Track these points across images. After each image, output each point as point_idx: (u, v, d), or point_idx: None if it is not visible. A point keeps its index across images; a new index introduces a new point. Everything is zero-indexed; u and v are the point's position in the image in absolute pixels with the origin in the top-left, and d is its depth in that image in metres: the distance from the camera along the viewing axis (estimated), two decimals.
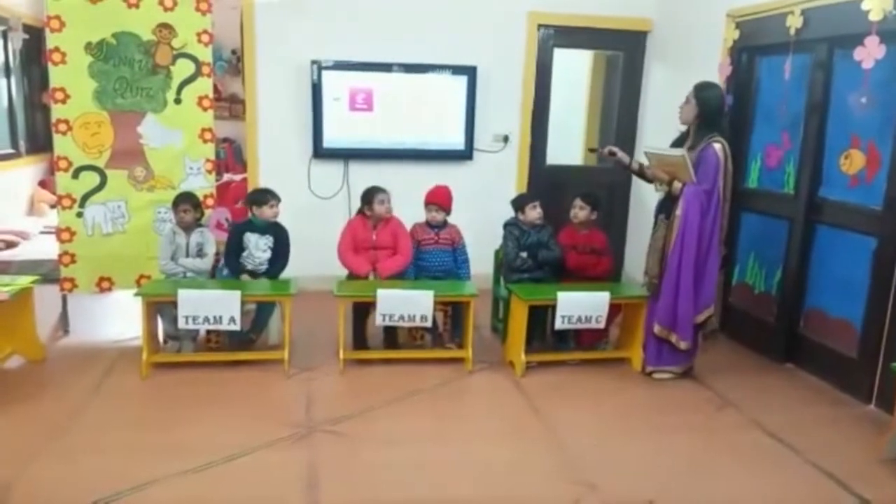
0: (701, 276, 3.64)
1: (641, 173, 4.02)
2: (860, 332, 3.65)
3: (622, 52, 5.59)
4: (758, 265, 4.40)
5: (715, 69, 4.42)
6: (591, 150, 4.08)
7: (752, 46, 4.34)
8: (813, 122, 3.91)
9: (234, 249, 3.99)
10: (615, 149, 3.99)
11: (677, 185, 3.60)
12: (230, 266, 4.00)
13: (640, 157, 4.21)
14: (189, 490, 2.65)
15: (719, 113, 3.68)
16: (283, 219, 4.11)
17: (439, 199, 4.18)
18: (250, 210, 4.03)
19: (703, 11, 4.72)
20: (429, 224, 4.23)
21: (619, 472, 2.89)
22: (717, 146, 3.55)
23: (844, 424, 3.40)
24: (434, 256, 4.18)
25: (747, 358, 4.26)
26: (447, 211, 4.22)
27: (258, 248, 3.98)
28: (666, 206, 3.74)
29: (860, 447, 3.15)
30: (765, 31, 4.16)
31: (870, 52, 3.36)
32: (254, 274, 3.97)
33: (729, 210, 3.72)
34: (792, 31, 3.88)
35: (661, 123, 4.48)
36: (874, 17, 3.31)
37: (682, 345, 3.70)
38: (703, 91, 3.63)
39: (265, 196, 4.02)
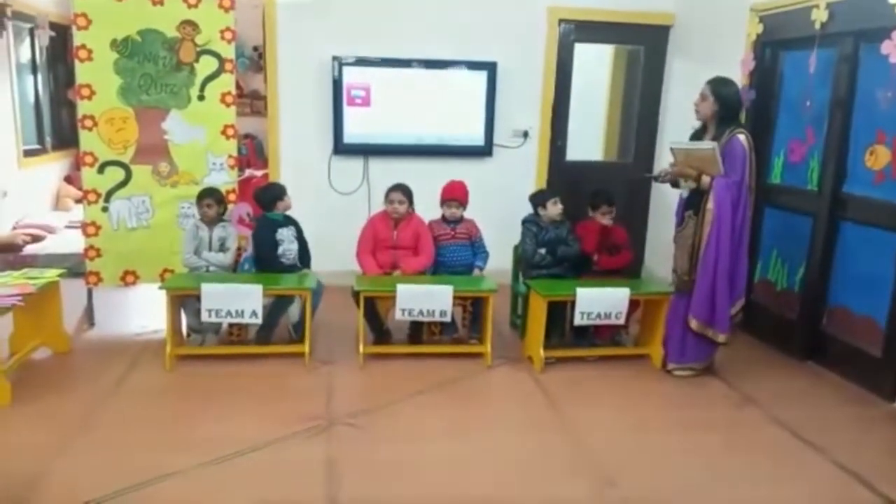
0: (734, 268, 3.61)
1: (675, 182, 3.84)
2: (884, 330, 3.59)
3: (643, 47, 5.55)
4: (780, 262, 4.35)
5: (737, 64, 4.37)
6: (648, 176, 4.09)
7: (775, 41, 4.29)
8: (837, 117, 3.85)
9: (271, 249, 3.99)
10: (666, 171, 3.85)
11: (706, 179, 3.55)
12: (269, 267, 3.98)
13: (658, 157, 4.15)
14: (209, 481, 2.69)
15: (738, 108, 3.67)
16: (303, 214, 4.22)
17: (457, 195, 4.18)
18: (270, 209, 4.04)
19: (726, 5, 4.67)
20: (445, 219, 4.23)
21: (640, 470, 2.88)
22: (742, 137, 3.52)
23: (868, 423, 3.36)
24: (451, 251, 4.18)
25: (768, 355, 4.22)
26: (465, 205, 4.22)
27: (290, 241, 4.05)
28: (693, 202, 3.68)
29: (884, 446, 3.12)
30: (789, 26, 4.11)
31: None
32: (292, 269, 4.04)
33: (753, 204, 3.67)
34: (817, 25, 3.82)
35: (682, 118, 4.43)
36: None
37: (721, 338, 3.67)
38: (721, 88, 3.59)
39: (280, 190, 4.10)
